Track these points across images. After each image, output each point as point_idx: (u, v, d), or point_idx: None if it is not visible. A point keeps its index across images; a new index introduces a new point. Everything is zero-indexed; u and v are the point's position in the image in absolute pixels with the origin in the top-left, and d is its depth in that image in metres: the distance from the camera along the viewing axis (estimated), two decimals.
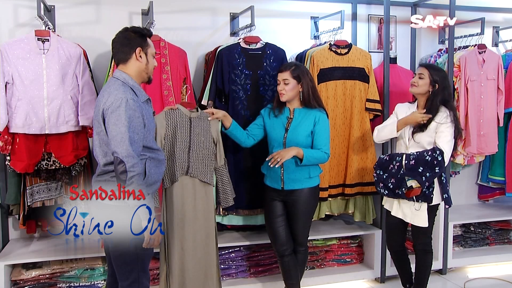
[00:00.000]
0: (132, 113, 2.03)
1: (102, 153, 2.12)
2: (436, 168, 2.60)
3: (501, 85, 3.69)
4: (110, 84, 2.12)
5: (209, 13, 3.41)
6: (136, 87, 2.16)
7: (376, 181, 2.84)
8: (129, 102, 2.03)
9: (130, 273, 2.16)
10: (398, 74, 3.61)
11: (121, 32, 2.20)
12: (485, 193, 4.14)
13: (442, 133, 2.67)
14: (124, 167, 1.98)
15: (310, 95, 2.70)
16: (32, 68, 2.73)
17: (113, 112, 2.01)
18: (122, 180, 1.99)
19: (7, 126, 2.75)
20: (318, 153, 2.70)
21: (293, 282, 2.87)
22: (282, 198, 2.79)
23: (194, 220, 2.68)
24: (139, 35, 2.17)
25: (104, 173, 2.13)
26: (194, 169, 2.67)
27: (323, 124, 2.72)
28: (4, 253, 2.94)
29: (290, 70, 2.68)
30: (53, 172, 2.96)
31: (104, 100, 2.06)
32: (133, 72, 2.17)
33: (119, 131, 1.99)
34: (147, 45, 2.19)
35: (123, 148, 1.99)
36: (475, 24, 3.71)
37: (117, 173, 2.00)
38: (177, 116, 2.65)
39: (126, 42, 2.16)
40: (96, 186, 2.11)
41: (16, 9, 3.02)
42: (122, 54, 2.17)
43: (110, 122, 2.01)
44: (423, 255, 2.88)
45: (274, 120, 2.80)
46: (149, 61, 2.20)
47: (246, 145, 2.86)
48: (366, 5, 3.73)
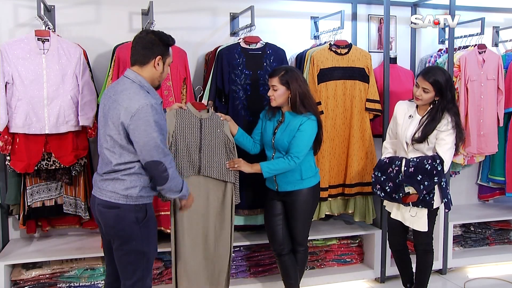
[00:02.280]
0: (158, 116, 2.06)
1: (116, 154, 2.10)
2: (435, 178, 2.58)
3: (501, 85, 3.69)
4: (127, 87, 2.10)
5: (209, 13, 3.41)
6: (152, 90, 2.16)
7: (374, 183, 2.82)
8: (154, 107, 2.05)
9: (134, 272, 2.17)
10: (398, 74, 3.61)
11: (147, 32, 2.18)
12: (485, 193, 4.14)
13: (442, 140, 2.61)
14: (164, 166, 2.08)
15: (297, 101, 2.65)
16: (32, 68, 2.73)
17: (140, 118, 2.01)
18: (165, 178, 2.11)
19: (7, 126, 2.75)
20: (280, 163, 2.65)
21: (291, 282, 2.87)
22: (280, 198, 2.80)
23: (206, 217, 2.67)
24: (164, 43, 2.17)
25: (113, 172, 2.12)
26: (207, 169, 2.65)
27: (304, 129, 2.65)
28: (4, 253, 2.94)
29: (279, 76, 2.65)
30: (53, 172, 2.96)
31: (125, 104, 2.04)
32: (147, 76, 2.16)
33: (151, 136, 2.03)
34: (167, 55, 2.19)
35: (159, 151, 2.06)
36: (475, 24, 3.71)
37: (159, 174, 2.10)
38: (186, 116, 2.64)
39: (149, 46, 2.14)
40: (103, 183, 2.14)
41: (16, 9, 3.02)
42: (141, 57, 2.14)
43: (139, 128, 2.02)
44: (424, 255, 2.87)
45: (268, 122, 2.80)
46: (164, 70, 2.21)
47: (255, 152, 2.88)
48: (366, 5, 3.73)
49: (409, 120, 2.74)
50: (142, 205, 2.14)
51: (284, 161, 2.65)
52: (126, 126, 2.04)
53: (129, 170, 2.11)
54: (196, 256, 2.70)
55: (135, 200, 2.12)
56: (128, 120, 2.02)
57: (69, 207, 3.04)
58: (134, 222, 2.12)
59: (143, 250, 2.15)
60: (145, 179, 2.15)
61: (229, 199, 2.74)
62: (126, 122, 2.03)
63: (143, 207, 2.15)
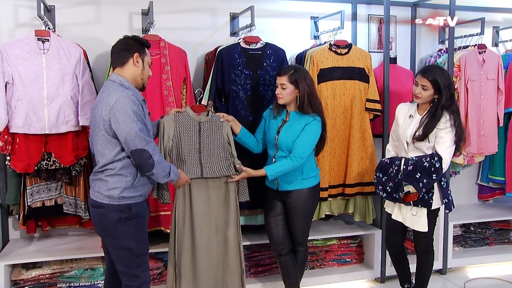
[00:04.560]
0: (136, 107, 2.13)
1: (100, 154, 2.20)
2: (434, 175, 2.58)
3: (501, 85, 3.69)
4: (108, 86, 2.21)
5: (209, 13, 3.41)
6: (132, 88, 2.23)
7: (376, 184, 2.83)
8: (131, 98, 2.13)
9: (127, 268, 2.25)
10: (398, 74, 3.61)
11: (121, 39, 2.31)
12: (485, 193, 4.14)
13: (441, 138, 2.61)
14: (148, 153, 2.13)
15: (305, 100, 2.66)
16: (32, 68, 2.73)
17: (118, 110, 2.10)
18: (151, 165, 2.16)
19: (7, 126, 2.75)
20: (285, 165, 2.64)
21: (291, 282, 2.87)
22: (281, 198, 2.80)
23: (207, 217, 2.66)
24: (138, 42, 2.29)
25: (99, 172, 2.22)
26: (208, 170, 2.64)
27: (309, 129, 2.66)
28: (4, 253, 2.94)
29: (288, 75, 2.66)
30: (53, 172, 2.96)
31: (104, 101, 2.14)
32: (129, 76, 2.26)
33: (130, 126, 2.10)
34: (144, 53, 2.30)
35: (140, 139, 2.11)
36: (475, 24, 3.71)
37: (145, 161, 2.15)
38: (184, 119, 2.64)
39: (125, 47, 2.26)
40: (92, 183, 2.25)
41: (16, 9, 3.02)
42: (120, 58, 2.26)
43: (119, 120, 2.10)
44: (424, 255, 2.87)
45: (272, 121, 2.80)
46: (145, 68, 2.30)
47: (258, 151, 2.88)
48: (366, 5, 3.73)
49: (410, 120, 2.74)
50: (126, 205, 2.20)
51: (288, 162, 2.64)
52: (107, 120, 2.12)
53: (111, 171, 2.18)
54: (198, 254, 2.67)
55: (118, 200, 2.18)
56: (108, 114, 2.11)
57: (69, 207, 3.04)
58: (117, 221, 2.19)
59: (130, 247, 2.22)
60: (127, 180, 2.19)
61: (233, 198, 2.71)
62: (106, 116, 2.12)
63: (127, 207, 2.20)
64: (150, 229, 2.95)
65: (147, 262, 2.34)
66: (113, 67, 2.30)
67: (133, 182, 2.20)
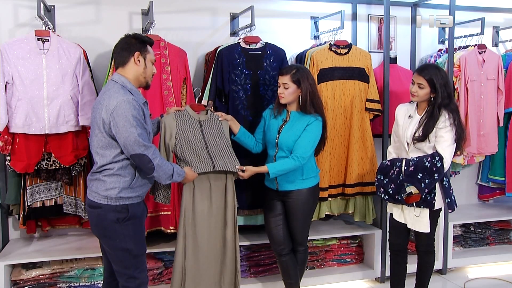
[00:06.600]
0: (136, 112, 2.12)
1: (99, 155, 2.18)
2: (435, 175, 2.57)
3: (501, 85, 3.69)
4: (110, 87, 2.19)
5: (209, 13, 3.41)
6: (134, 90, 2.22)
7: (377, 186, 2.82)
8: (131, 102, 2.11)
9: (125, 269, 2.24)
10: (398, 74, 3.61)
11: (123, 38, 2.28)
12: (485, 193, 4.14)
13: (441, 137, 2.61)
14: (147, 158, 2.14)
15: (307, 100, 2.67)
16: (32, 68, 2.73)
17: (118, 115, 2.09)
18: (151, 169, 2.17)
19: (7, 126, 2.75)
20: (287, 164, 2.64)
21: (292, 282, 2.87)
22: (280, 198, 2.80)
23: (209, 216, 2.66)
24: (139, 41, 2.26)
25: (97, 172, 2.21)
26: (219, 163, 2.57)
27: (311, 129, 2.67)
28: (4, 253, 2.94)
29: (291, 75, 2.66)
30: (53, 172, 2.96)
31: (105, 103, 2.13)
32: (131, 75, 2.24)
33: (130, 132, 2.09)
34: (146, 51, 2.27)
35: (139, 145, 2.12)
36: (475, 24, 3.71)
37: (144, 165, 2.16)
38: (185, 118, 2.64)
39: (126, 47, 2.24)
40: (89, 183, 2.24)
41: (16, 9, 3.02)
42: (122, 58, 2.24)
43: (118, 125, 2.09)
44: (426, 256, 2.87)
45: (273, 121, 2.80)
46: (147, 66, 2.27)
47: (256, 151, 2.88)
48: (366, 5, 3.73)
49: (409, 120, 2.74)
50: (124, 206, 2.19)
51: (290, 162, 2.64)
52: (107, 123, 2.12)
53: (109, 171, 2.17)
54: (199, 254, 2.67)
55: (115, 201, 2.17)
56: (108, 117, 2.10)
57: (69, 207, 3.04)
58: (115, 221, 2.17)
59: (127, 248, 2.21)
60: (125, 180, 2.19)
61: (231, 196, 2.70)
62: (106, 119, 2.11)
63: (125, 207, 2.19)
64: (150, 229, 2.96)
65: (145, 263, 2.33)
66: (115, 67, 2.29)
67: (131, 183, 2.20)
